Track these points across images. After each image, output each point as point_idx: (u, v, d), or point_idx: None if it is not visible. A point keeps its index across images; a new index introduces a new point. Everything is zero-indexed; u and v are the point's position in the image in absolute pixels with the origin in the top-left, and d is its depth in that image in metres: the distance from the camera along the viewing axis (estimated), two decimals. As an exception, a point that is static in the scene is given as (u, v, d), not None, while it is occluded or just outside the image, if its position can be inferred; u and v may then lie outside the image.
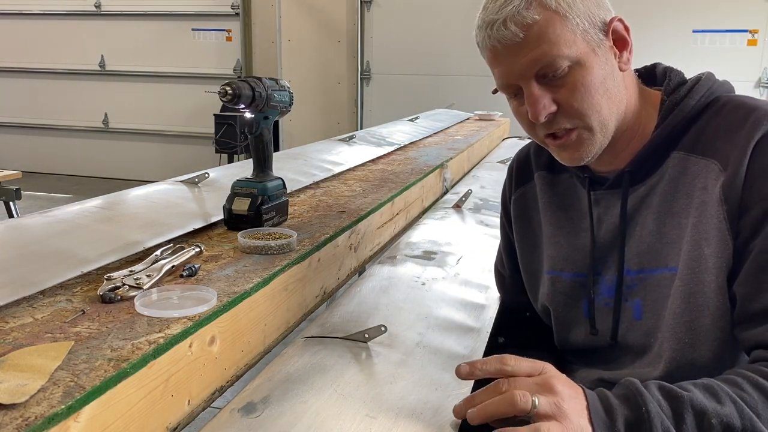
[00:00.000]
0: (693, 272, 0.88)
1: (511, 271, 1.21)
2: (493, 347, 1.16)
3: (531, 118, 0.91)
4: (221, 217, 1.33)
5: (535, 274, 1.10)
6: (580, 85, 0.89)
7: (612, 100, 0.92)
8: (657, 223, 0.93)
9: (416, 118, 3.67)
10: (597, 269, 1.00)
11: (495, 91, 1.00)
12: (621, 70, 0.93)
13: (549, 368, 0.79)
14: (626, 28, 0.93)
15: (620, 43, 0.93)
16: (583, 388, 0.78)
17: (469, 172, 2.80)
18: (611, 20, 0.92)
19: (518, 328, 1.18)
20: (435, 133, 3.29)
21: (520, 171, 1.15)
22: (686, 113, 0.93)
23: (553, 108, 0.90)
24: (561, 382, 0.76)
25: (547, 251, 1.07)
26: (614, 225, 0.97)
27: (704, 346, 0.89)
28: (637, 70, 1.02)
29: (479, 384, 1.05)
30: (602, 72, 0.90)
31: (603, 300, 1.00)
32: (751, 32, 5.28)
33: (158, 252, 1.08)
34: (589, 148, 0.93)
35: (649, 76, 1.02)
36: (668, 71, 0.99)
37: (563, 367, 1.12)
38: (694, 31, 5.35)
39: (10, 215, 3.25)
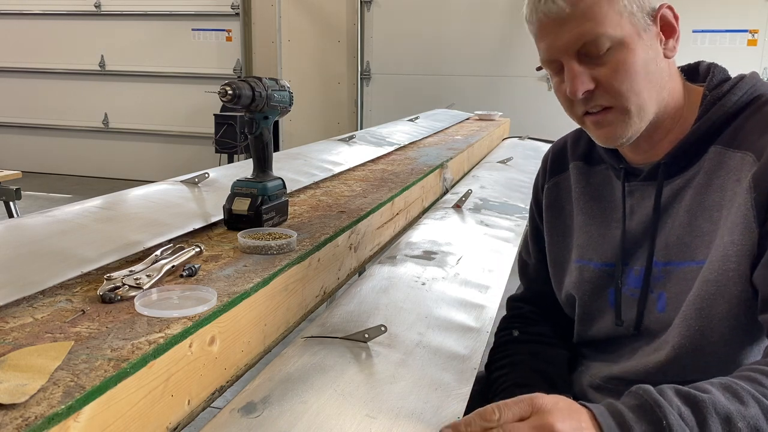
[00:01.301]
0: (714, 261, 0.88)
1: (536, 259, 1.21)
2: (508, 341, 1.16)
3: (569, 93, 0.92)
4: (221, 217, 1.33)
5: (561, 263, 1.10)
6: (621, 65, 0.90)
7: (652, 85, 0.92)
8: (688, 216, 0.93)
9: (416, 118, 3.67)
10: (626, 260, 1.00)
11: (539, 68, 1.01)
12: (666, 57, 0.94)
13: (539, 402, 0.70)
14: (675, 17, 0.94)
15: (667, 30, 0.93)
16: (587, 408, 0.70)
17: (469, 172, 2.80)
18: (660, 6, 0.92)
19: (535, 322, 1.18)
20: (435, 133, 3.29)
21: (555, 161, 1.16)
22: (727, 108, 0.93)
23: (591, 86, 0.91)
24: (559, 416, 0.67)
25: (576, 240, 1.07)
26: (647, 216, 0.97)
27: (715, 333, 0.88)
28: (680, 68, 1.02)
29: (478, 384, 1.06)
30: (645, 56, 0.90)
31: (629, 290, 1.00)
32: (751, 32, 5.28)
33: (158, 252, 1.08)
34: (624, 129, 0.93)
35: (693, 73, 1.02)
36: (712, 67, 1.00)
37: (576, 361, 1.11)
38: (694, 31, 5.34)
39: (10, 215, 3.25)
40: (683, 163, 0.95)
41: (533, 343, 1.14)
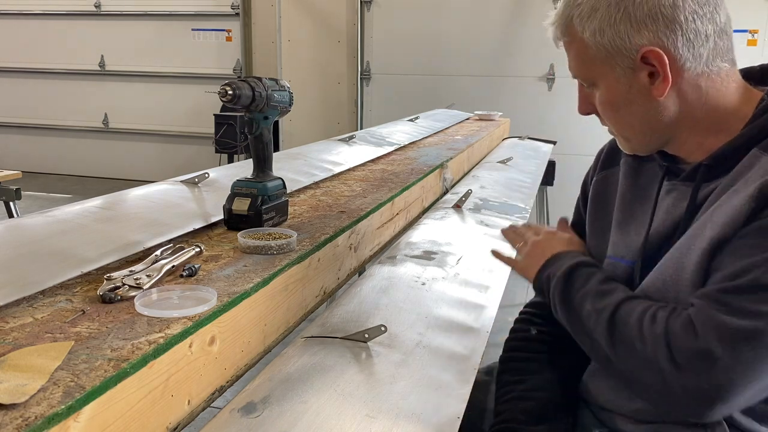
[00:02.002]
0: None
1: None
2: (525, 339, 1.15)
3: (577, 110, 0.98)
4: (221, 217, 1.33)
5: (599, 257, 1.09)
6: (603, 104, 0.96)
7: (641, 120, 0.94)
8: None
9: (416, 118, 3.67)
10: (652, 257, 0.98)
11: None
12: (657, 96, 0.91)
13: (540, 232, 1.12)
14: (661, 61, 0.89)
15: (654, 71, 0.90)
16: (551, 260, 1.03)
17: (469, 172, 2.80)
18: (647, 51, 0.89)
19: (553, 322, 1.17)
20: (435, 133, 3.29)
21: (609, 155, 1.15)
22: None
23: (589, 110, 0.98)
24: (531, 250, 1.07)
25: (613, 236, 1.07)
26: (679, 217, 0.96)
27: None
28: (745, 69, 1.01)
29: (478, 390, 1.05)
30: (623, 97, 0.93)
31: None
32: (751, 32, 5.27)
33: (158, 252, 1.08)
34: (634, 147, 0.99)
35: (762, 75, 1.01)
36: None
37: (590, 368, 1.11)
38: (694, 31, 5.34)
39: (10, 215, 3.25)
40: (725, 167, 0.92)
41: (549, 343, 1.14)
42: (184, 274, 1.03)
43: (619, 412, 0.99)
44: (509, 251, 1.20)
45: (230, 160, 5.60)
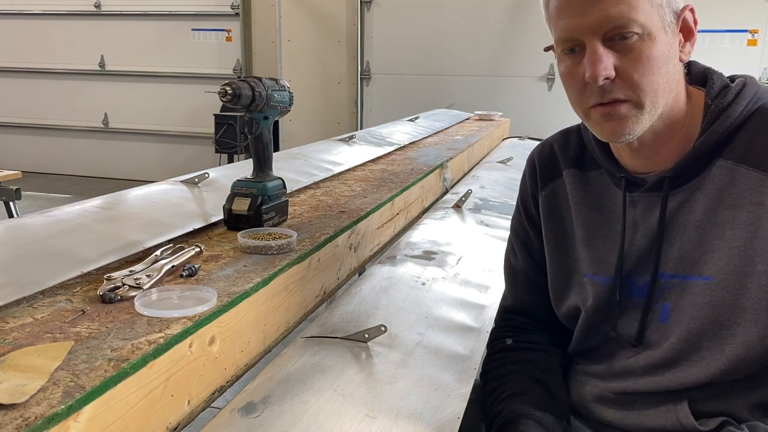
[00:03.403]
0: (733, 287, 0.87)
1: (527, 269, 1.15)
2: (501, 349, 1.12)
3: (588, 77, 0.87)
4: (221, 217, 1.33)
5: (567, 273, 1.06)
6: (645, 56, 0.86)
7: (668, 83, 0.90)
8: (698, 231, 0.91)
9: (416, 118, 3.67)
10: (631, 272, 0.98)
11: (548, 48, 0.96)
12: (681, 60, 0.92)
13: None
14: (695, 21, 0.92)
15: (687, 32, 0.92)
16: None
17: (469, 172, 2.80)
18: (685, 7, 0.91)
19: (527, 330, 1.14)
20: (435, 133, 3.29)
21: (546, 167, 1.11)
22: (733, 120, 0.91)
23: (612, 73, 0.87)
24: None
25: (581, 254, 1.04)
26: (652, 229, 0.95)
27: (725, 355, 0.89)
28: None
29: (475, 392, 1.04)
30: (666, 53, 0.88)
31: (632, 301, 0.98)
32: (751, 32, 5.28)
33: (158, 252, 1.08)
34: (633, 125, 0.90)
35: (687, 72, 0.99)
36: (709, 73, 0.97)
37: (572, 370, 1.10)
38: (694, 31, 5.34)
39: (10, 215, 3.25)
40: (688, 176, 0.93)
41: (527, 350, 1.10)
42: (184, 274, 1.03)
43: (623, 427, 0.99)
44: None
45: (230, 160, 5.61)
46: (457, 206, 2.02)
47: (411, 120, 3.57)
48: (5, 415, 0.63)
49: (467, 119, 4.15)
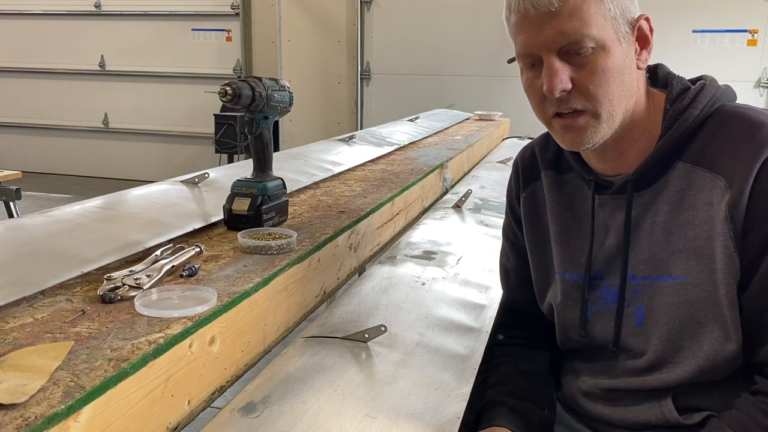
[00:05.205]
0: (705, 284, 0.89)
1: (517, 268, 1.19)
2: (493, 345, 1.16)
3: (545, 90, 0.90)
4: (221, 217, 1.33)
5: (546, 271, 1.10)
6: (599, 69, 0.89)
7: (624, 93, 0.92)
8: (664, 232, 0.93)
9: (416, 118, 3.67)
10: (601, 273, 1.00)
11: (511, 60, 0.99)
12: (638, 68, 0.94)
13: None
14: (651, 29, 0.94)
15: (642, 41, 0.94)
16: None
17: (469, 172, 2.80)
18: (639, 17, 0.92)
19: (519, 327, 1.18)
20: (435, 133, 3.29)
21: (527, 169, 1.14)
22: (690, 123, 0.93)
23: (569, 86, 0.90)
24: None
25: (555, 251, 1.07)
26: (620, 230, 0.97)
27: (702, 351, 0.91)
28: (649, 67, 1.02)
29: (478, 384, 1.06)
30: (621, 63, 0.90)
31: (605, 304, 1.00)
32: (751, 32, 5.27)
33: (158, 252, 1.08)
34: (592, 135, 0.92)
35: (652, 76, 1.01)
36: (670, 77, 0.99)
37: (563, 366, 1.12)
38: (694, 31, 5.34)
39: (10, 215, 3.25)
40: (650, 178, 0.96)
41: (517, 345, 1.14)
42: (184, 274, 1.03)
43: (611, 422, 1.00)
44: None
45: (230, 160, 5.61)
46: (457, 206, 2.02)
47: (411, 120, 3.57)
48: (5, 415, 0.63)
49: (467, 119, 4.15)
